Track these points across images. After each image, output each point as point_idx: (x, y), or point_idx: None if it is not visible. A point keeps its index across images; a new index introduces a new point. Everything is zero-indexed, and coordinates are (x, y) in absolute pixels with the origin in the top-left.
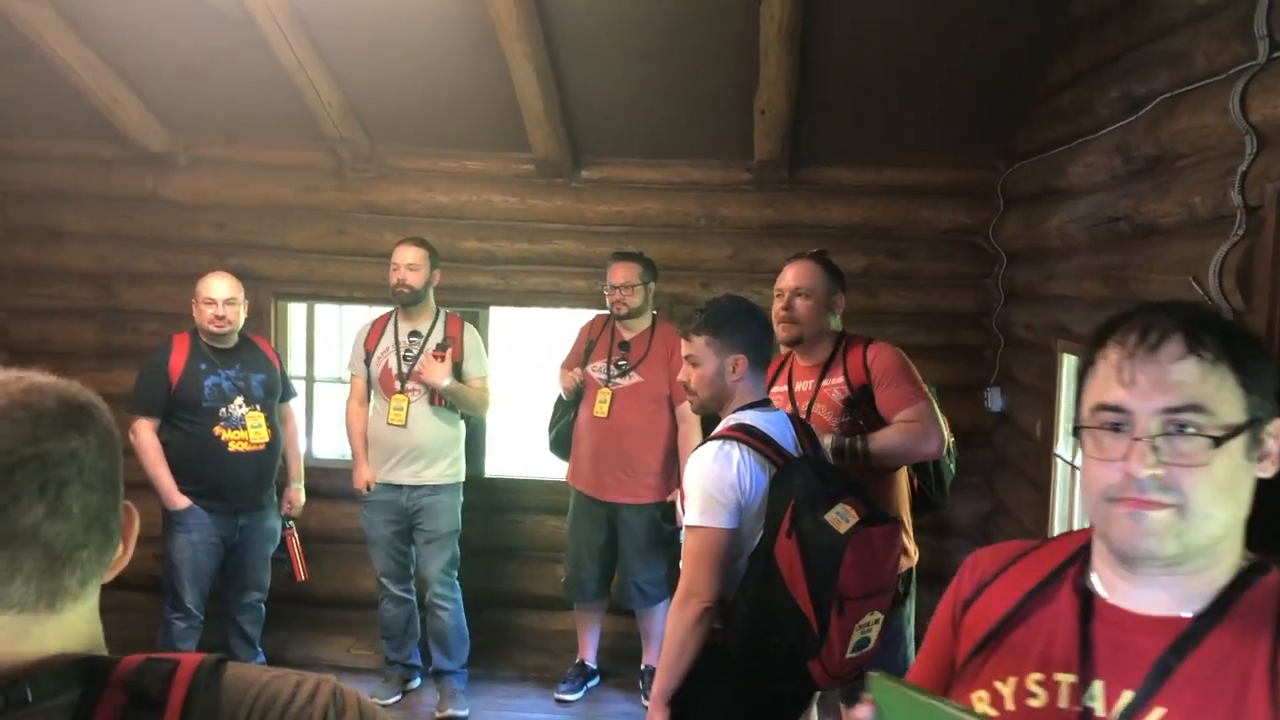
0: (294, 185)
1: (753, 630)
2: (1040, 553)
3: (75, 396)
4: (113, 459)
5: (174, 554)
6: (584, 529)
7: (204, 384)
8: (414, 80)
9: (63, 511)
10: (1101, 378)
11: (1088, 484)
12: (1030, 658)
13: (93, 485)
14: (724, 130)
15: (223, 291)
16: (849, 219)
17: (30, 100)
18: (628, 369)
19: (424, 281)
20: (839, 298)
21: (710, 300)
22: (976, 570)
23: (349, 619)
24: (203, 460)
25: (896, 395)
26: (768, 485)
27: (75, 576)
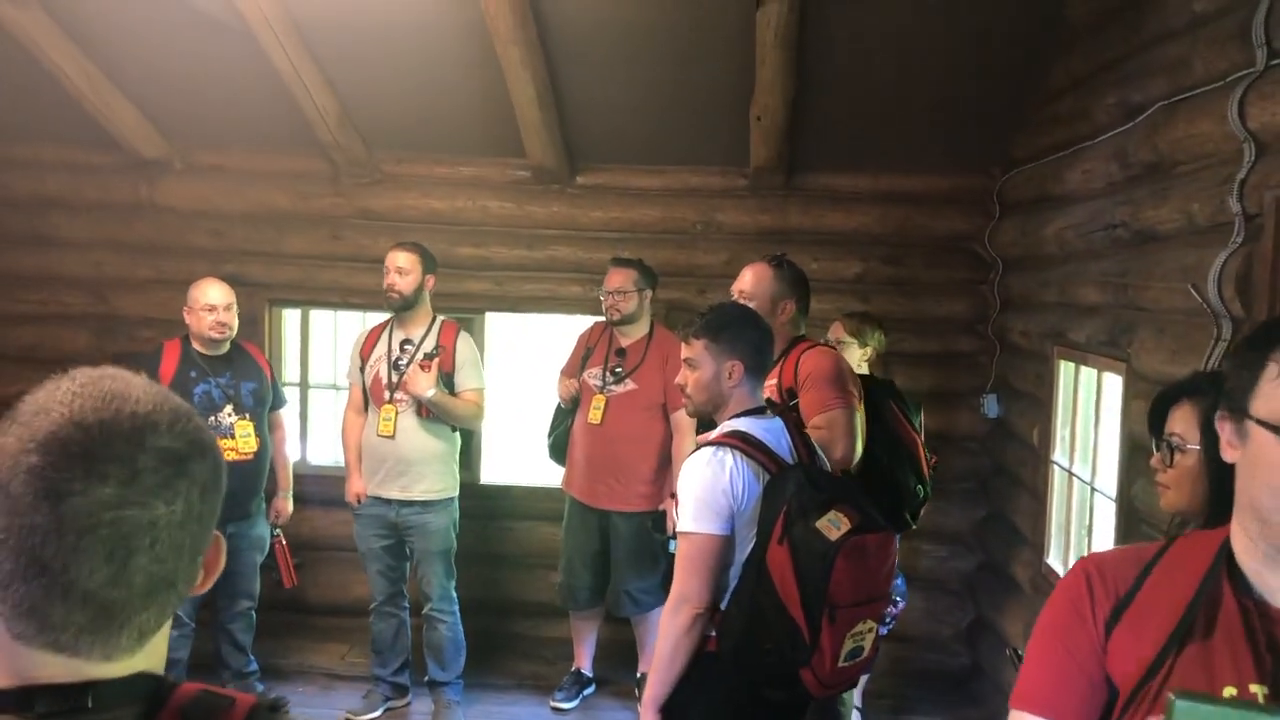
0: (290, 192)
1: (745, 637)
2: (1170, 561)
3: (183, 448)
4: (204, 514)
5: None
6: (577, 536)
7: (193, 392)
8: (410, 87)
9: (124, 581)
10: None
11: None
12: (1219, 672)
13: (164, 556)
14: (721, 136)
15: (221, 298)
16: (845, 225)
17: (25, 107)
18: (623, 376)
19: (415, 287)
20: (786, 303)
21: (712, 305)
22: (1106, 585)
23: (344, 626)
24: None
25: (813, 400)
26: (760, 492)
27: (130, 636)
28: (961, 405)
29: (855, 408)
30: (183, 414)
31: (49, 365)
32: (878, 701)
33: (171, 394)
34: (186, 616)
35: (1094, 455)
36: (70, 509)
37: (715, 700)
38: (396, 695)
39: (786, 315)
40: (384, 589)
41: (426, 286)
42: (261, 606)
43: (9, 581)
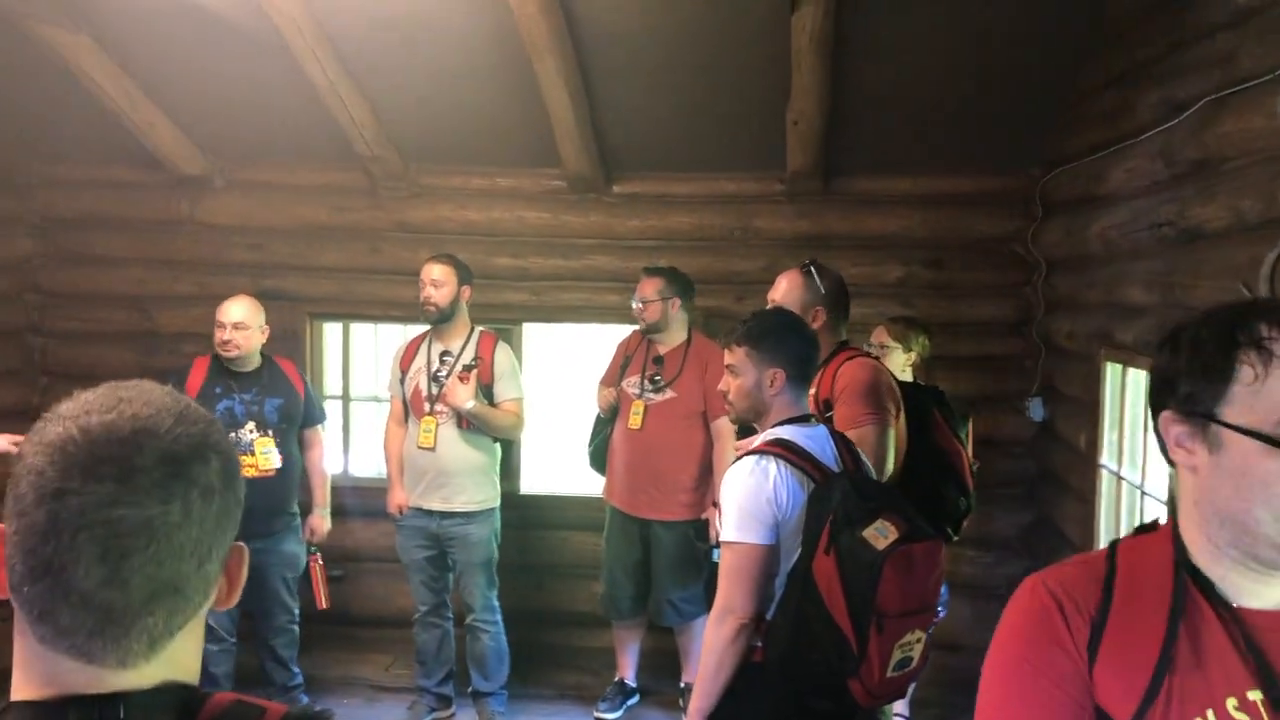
0: (328, 206)
1: (791, 648)
2: (1128, 577)
3: (183, 450)
4: (207, 518)
5: None
6: (618, 545)
7: (215, 407)
8: (445, 98)
9: (119, 582)
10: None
11: (1277, 494)
12: (1215, 686)
13: (163, 558)
14: (756, 142)
15: (232, 315)
16: (884, 229)
17: (70, 127)
18: (661, 385)
19: (451, 299)
20: (817, 310)
21: (755, 312)
22: (1077, 609)
23: (387, 638)
24: None
25: (845, 415)
26: (805, 501)
27: (141, 641)
28: (1006, 409)
29: (889, 424)
30: (191, 419)
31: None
32: (925, 710)
33: (192, 404)
34: (225, 631)
35: (1143, 458)
36: (66, 508)
37: (761, 711)
38: (441, 706)
39: (819, 323)
40: (427, 600)
41: (463, 298)
42: (305, 619)
43: (21, 582)
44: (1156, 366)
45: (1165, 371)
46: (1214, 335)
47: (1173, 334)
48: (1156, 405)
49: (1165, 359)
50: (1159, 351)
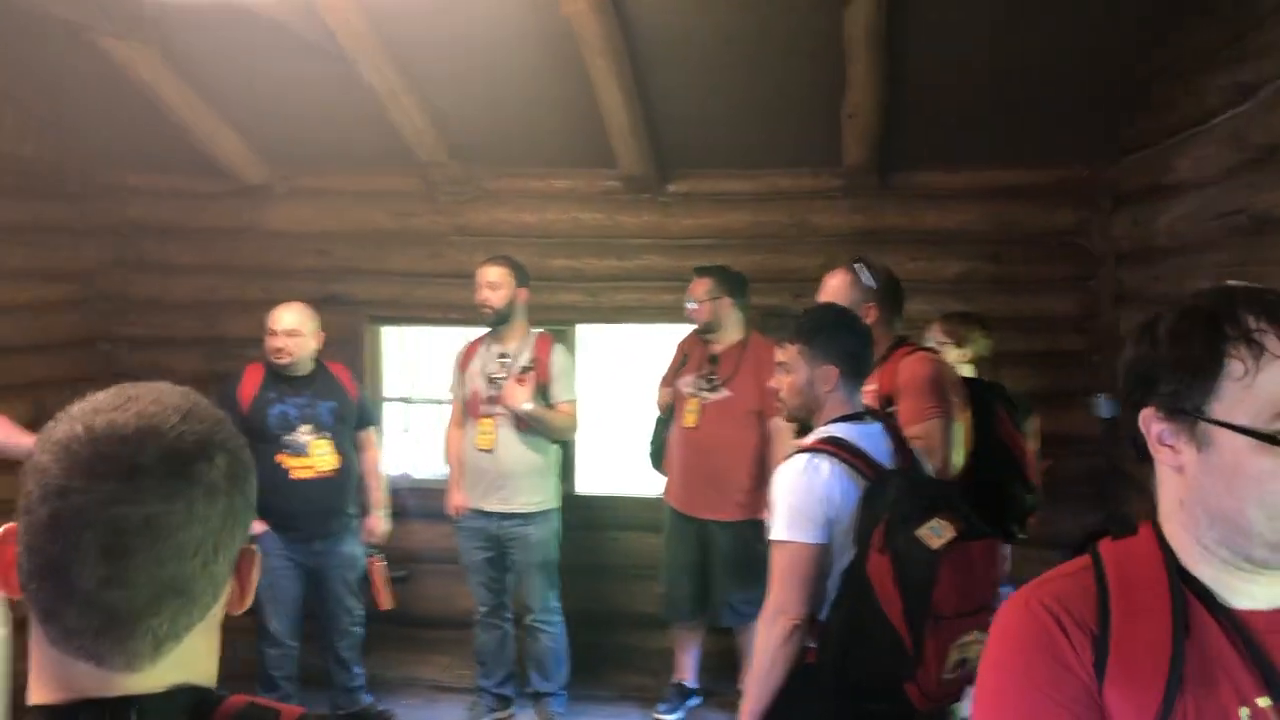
0: (389, 211)
1: (845, 649)
2: (1121, 589)
3: (187, 448)
4: (211, 518)
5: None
6: (676, 546)
7: (269, 412)
8: (501, 101)
9: (121, 581)
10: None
11: (1273, 491)
12: (1227, 698)
13: (166, 558)
14: (812, 137)
15: (285, 323)
16: (944, 224)
17: (139, 138)
18: (717, 384)
19: (506, 301)
20: (867, 308)
21: (809, 308)
22: (1078, 626)
23: (450, 638)
24: (266, 487)
25: (909, 409)
26: (859, 500)
27: (146, 642)
28: (1073, 406)
29: (954, 417)
30: (198, 417)
31: None
32: None
33: (202, 403)
34: (286, 636)
35: None
36: (69, 506)
37: (815, 714)
38: (501, 706)
39: (871, 319)
40: (487, 600)
41: (519, 300)
42: (370, 618)
43: (28, 581)
44: (1133, 361)
45: (1143, 366)
46: (1197, 328)
47: (1149, 326)
48: (1134, 402)
49: (1143, 353)
50: (1135, 345)
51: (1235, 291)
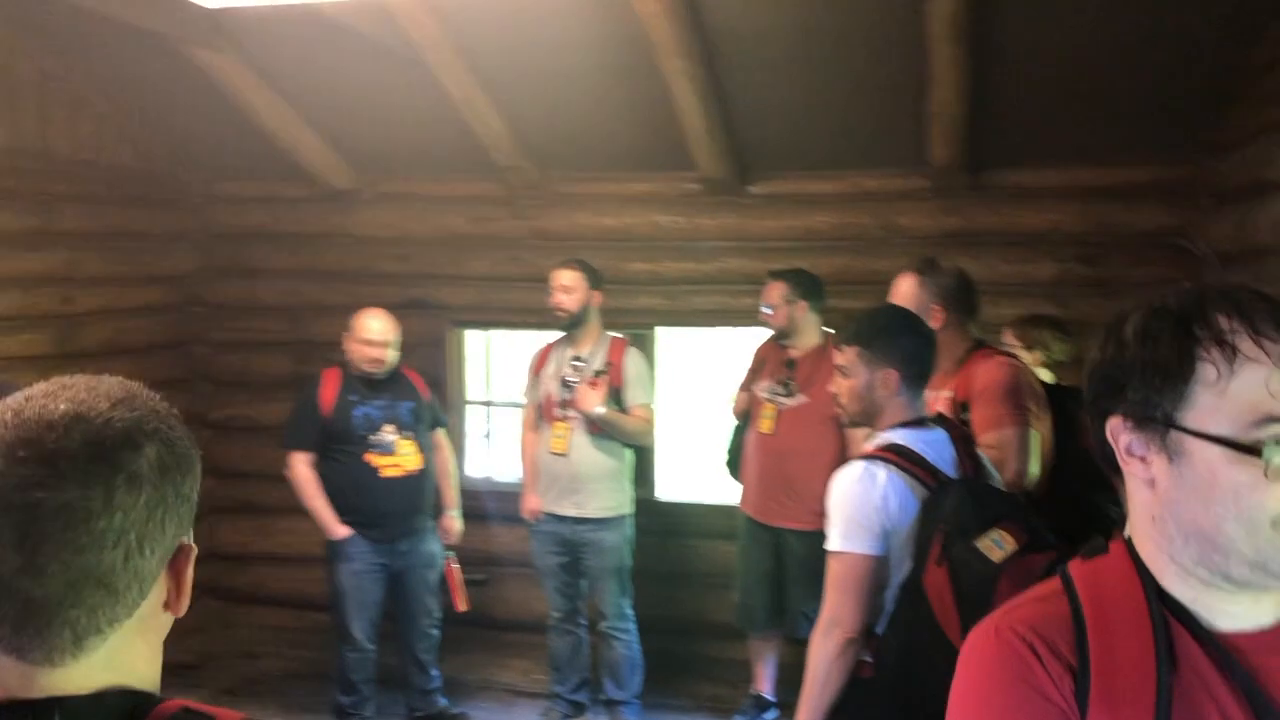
0: (469, 216)
1: (903, 664)
2: (1098, 615)
3: (113, 435)
4: (131, 507)
5: (338, 584)
6: (752, 555)
7: (353, 414)
8: (576, 105)
9: (35, 568)
10: (1255, 381)
11: (1250, 506)
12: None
13: (84, 546)
14: (897, 136)
15: (377, 332)
16: (1037, 225)
17: (229, 146)
18: (794, 389)
19: (580, 304)
20: (935, 310)
21: (867, 309)
22: (1055, 655)
23: (528, 642)
24: (357, 488)
25: (985, 417)
26: (918, 509)
27: (64, 636)
28: None
29: (1032, 425)
30: (131, 405)
31: (254, 389)
32: None
33: (143, 394)
34: (364, 638)
35: None
36: None
37: None
38: (574, 713)
39: (939, 322)
40: (561, 605)
41: (593, 303)
42: (449, 621)
43: None
44: (1098, 364)
45: (1109, 371)
46: (1166, 329)
47: (1114, 327)
48: (1100, 410)
49: (1109, 357)
50: (1100, 347)
51: (1205, 290)
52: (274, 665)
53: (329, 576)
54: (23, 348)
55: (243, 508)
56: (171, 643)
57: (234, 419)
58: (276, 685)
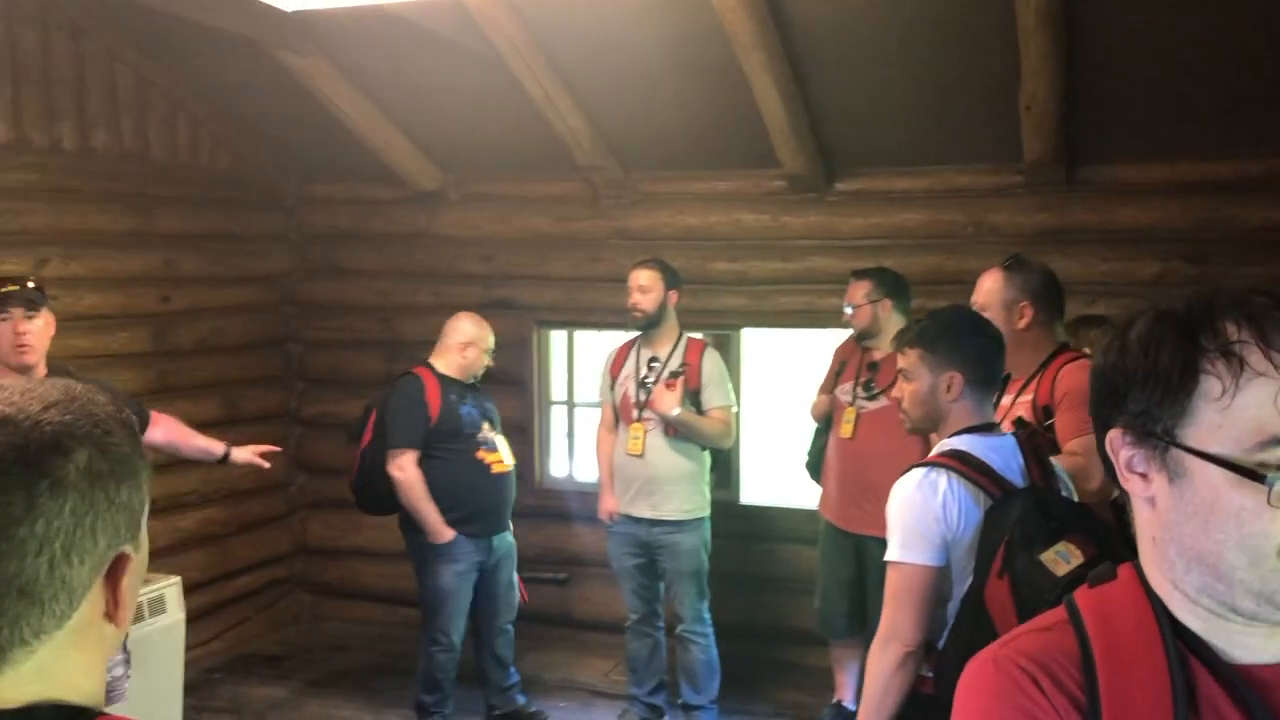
0: (552, 216)
1: None
2: (1107, 649)
3: (40, 439)
4: (55, 515)
5: (442, 585)
6: (832, 561)
7: (460, 412)
8: (658, 103)
9: None
10: (1262, 398)
11: (1254, 534)
12: None
13: (5, 553)
14: (989, 131)
15: (484, 337)
16: (1138, 222)
17: (320, 149)
18: (876, 392)
19: (657, 304)
20: (1023, 307)
21: (932, 311)
22: (1060, 690)
23: (609, 643)
24: (470, 486)
25: (1069, 423)
26: (981, 519)
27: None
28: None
29: None
30: (66, 409)
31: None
32: None
33: (88, 397)
34: (459, 639)
35: None
36: None
37: None
38: (652, 716)
39: (1025, 321)
40: (638, 608)
41: (670, 303)
42: (533, 620)
43: None
44: (1099, 371)
45: (1110, 379)
46: (1170, 337)
47: (1120, 330)
48: (1102, 420)
49: (1110, 363)
50: (1103, 353)
51: (1218, 293)
52: (361, 659)
53: (428, 578)
54: (122, 345)
55: (332, 503)
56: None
57: (325, 416)
58: (362, 679)
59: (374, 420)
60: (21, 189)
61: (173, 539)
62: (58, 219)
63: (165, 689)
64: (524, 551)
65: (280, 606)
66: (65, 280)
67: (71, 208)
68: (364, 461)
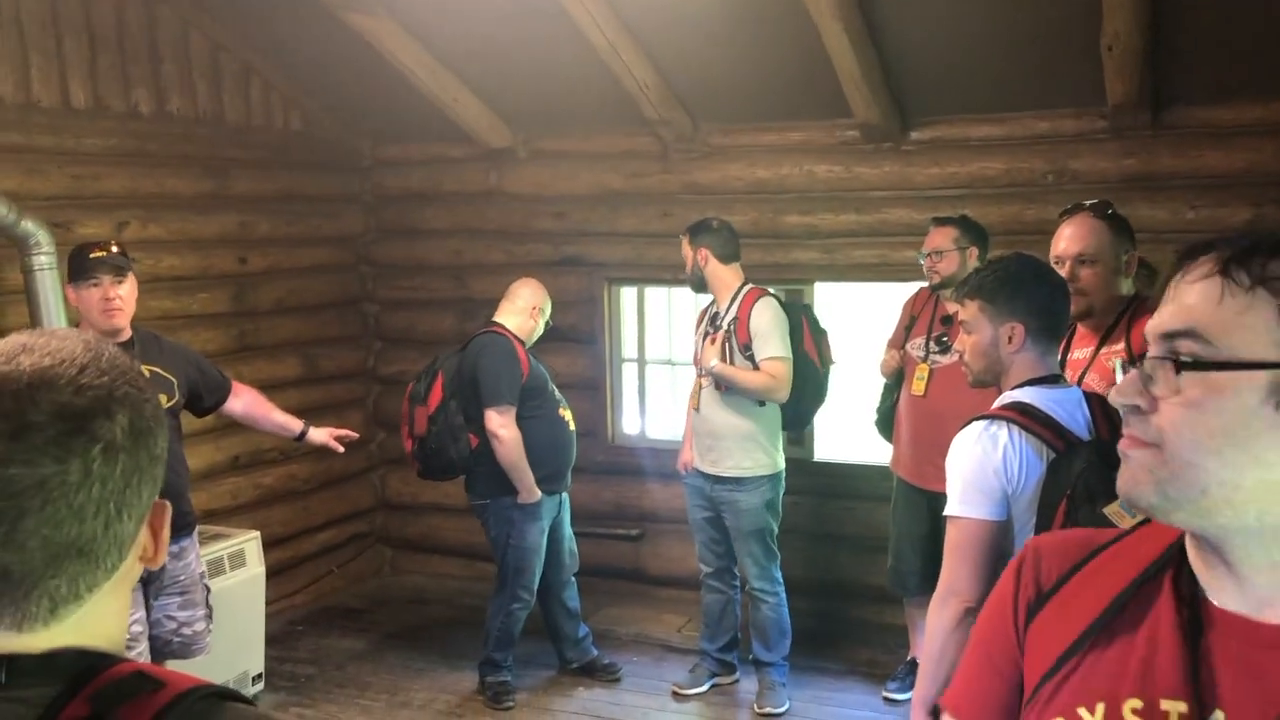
0: (622, 171)
1: None
2: (1121, 546)
3: (84, 404)
4: (109, 477)
5: (530, 543)
6: (905, 519)
7: (542, 370)
8: (725, 53)
9: (15, 544)
10: None
11: None
12: (1126, 679)
13: (61, 520)
14: (1070, 73)
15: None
16: (1228, 166)
17: (391, 109)
18: (949, 346)
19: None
20: (1131, 257)
21: (991, 259)
22: (1040, 567)
23: (683, 599)
24: (555, 443)
25: None
26: (1043, 473)
27: (43, 605)
28: None
29: None
30: (99, 370)
31: (422, 346)
32: None
33: (107, 354)
34: (525, 591)
35: None
36: None
37: None
38: (724, 672)
39: (1133, 269)
40: (711, 561)
41: (702, 261)
42: (606, 575)
43: None
44: None
45: None
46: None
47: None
48: None
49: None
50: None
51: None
52: (438, 612)
53: (516, 538)
54: (202, 306)
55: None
56: (342, 588)
57: (402, 374)
58: (440, 632)
59: (442, 382)
60: (100, 154)
61: (255, 495)
62: (136, 183)
63: (247, 640)
64: (596, 508)
65: (360, 561)
66: (144, 243)
67: (149, 171)
68: (433, 425)
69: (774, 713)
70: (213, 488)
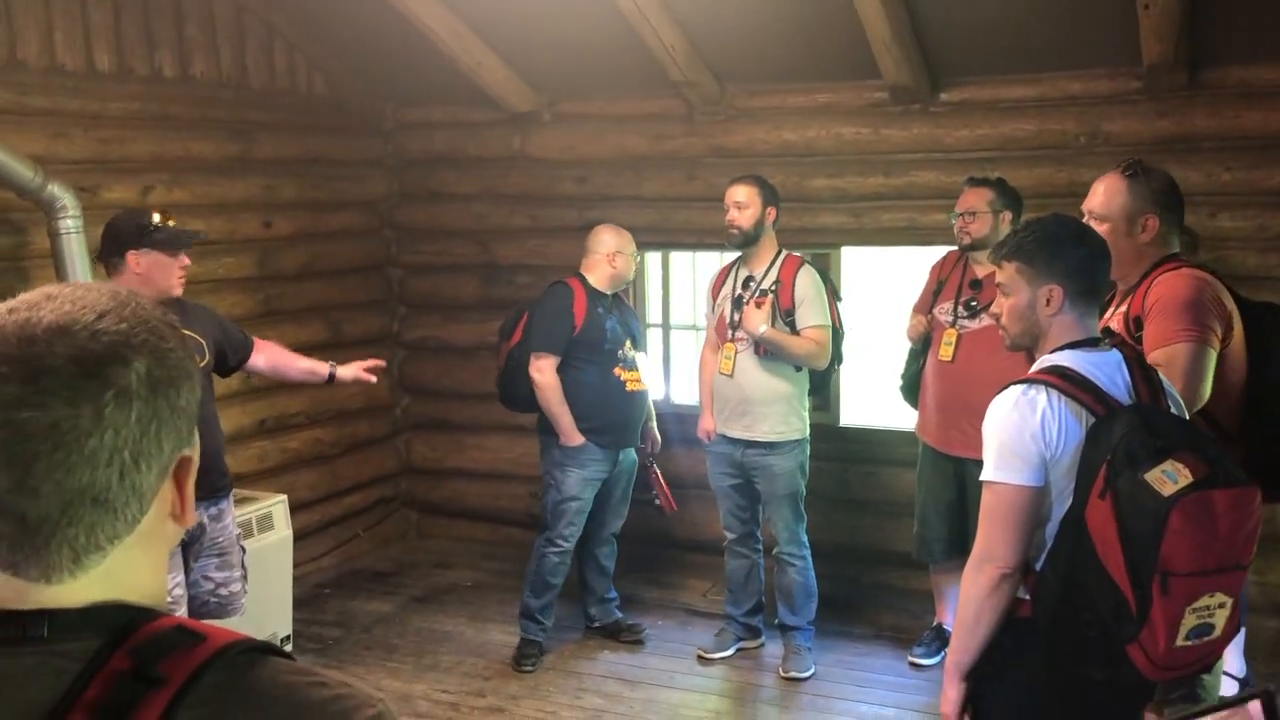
0: (648, 135)
1: (1061, 604)
2: None
3: (100, 350)
4: (122, 424)
5: (566, 490)
6: (931, 484)
7: (605, 326)
8: (752, 13)
9: (29, 489)
10: None
11: None
12: None
13: (75, 465)
14: (1105, 33)
15: (619, 246)
16: (1266, 127)
17: (415, 73)
18: (978, 310)
19: (755, 221)
20: (1148, 218)
21: (1028, 220)
22: None
23: (709, 564)
24: (603, 400)
25: (1154, 333)
26: (1083, 437)
27: (64, 554)
28: None
29: (1209, 343)
30: (119, 317)
31: (444, 311)
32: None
33: (133, 303)
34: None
35: None
36: None
37: (1030, 673)
38: (749, 636)
39: (1150, 233)
40: (736, 528)
41: (768, 220)
42: (634, 538)
43: None
44: None
45: None
46: None
47: None
48: None
49: None
50: None
51: None
52: (465, 576)
53: (555, 482)
54: (227, 270)
55: (436, 424)
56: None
57: (427, 339)
58: (466, 595)
59: (524, 322)
60: (125, 117)
61: (282, 459)
62: (160, 146)
63: (275, 602)
64: None
65: (387, 524)
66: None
67: (173, 135)
68: (509, 360)
69: (799, 677)
70: (240, 451)
